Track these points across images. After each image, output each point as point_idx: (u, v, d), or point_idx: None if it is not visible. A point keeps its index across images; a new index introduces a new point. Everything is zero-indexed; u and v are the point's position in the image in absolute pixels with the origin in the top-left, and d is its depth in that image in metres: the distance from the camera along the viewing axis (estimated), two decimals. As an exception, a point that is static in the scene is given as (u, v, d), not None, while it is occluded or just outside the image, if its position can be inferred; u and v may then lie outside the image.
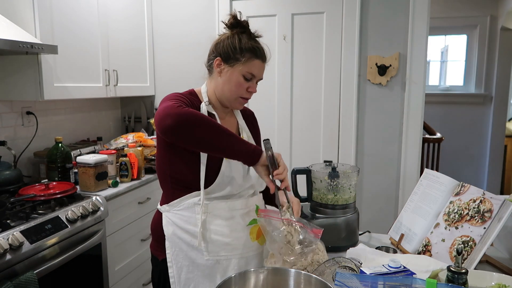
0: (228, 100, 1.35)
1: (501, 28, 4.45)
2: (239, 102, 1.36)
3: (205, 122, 1.16)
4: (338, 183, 1.51)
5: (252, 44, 1.31)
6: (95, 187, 2.20)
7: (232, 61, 1.30)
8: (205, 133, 1.16)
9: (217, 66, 1.32)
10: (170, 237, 1.32)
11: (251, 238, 1.34)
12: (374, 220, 2.79)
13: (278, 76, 2.93)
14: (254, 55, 1.30)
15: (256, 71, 1.32)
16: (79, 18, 2.39)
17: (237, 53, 1.29)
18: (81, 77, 2.42)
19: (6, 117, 2.32)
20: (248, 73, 1.30)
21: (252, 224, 1.34)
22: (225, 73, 1.32)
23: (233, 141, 1.19)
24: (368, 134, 2.80)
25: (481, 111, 4.73)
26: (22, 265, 1.63)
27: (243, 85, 1.31)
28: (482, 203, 1.28)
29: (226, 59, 1.30)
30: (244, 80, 1.31)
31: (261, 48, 1.33)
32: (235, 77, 1.31)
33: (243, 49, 1.29)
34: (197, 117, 1.16)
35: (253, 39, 1.33)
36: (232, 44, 1.30)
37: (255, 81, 1.34)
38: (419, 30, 2.60)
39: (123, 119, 3.35)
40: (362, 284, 0.90)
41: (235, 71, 1.30)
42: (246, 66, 1.30)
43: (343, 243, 1.47)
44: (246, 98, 1.35)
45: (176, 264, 1.31)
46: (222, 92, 1.34)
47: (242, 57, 1.29)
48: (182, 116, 1.14)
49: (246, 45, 1.30)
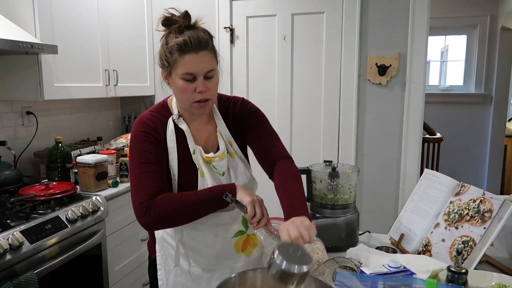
0: (186, 109, 1.23)
1: (501, 28, 4.45)
2: (196, 107, 1.18)
3: (174, 212, 1.13)
4: (338, 183, 1.51)
5: (177, 39, 1.11)
6: (95, 187, 2.20)
7: (167, 68, 1.16)
8: (179, 218, 1.15)
9: (164, 78, 1.21)
10: (159, 240, 1.30)
11: (236, 250, 1.30)
12: (374, 220, 2.79)
13: (278, 76, 2.93)
14: (181, 52, 1.11)
15: (191, 68, 1.12)
16: (79, 18, 2.39)
17: (168, 58, 1.14)
18: (81, 77, 2.42)
19: (6, 117, 2.32)
20: (185, 74, 1.12)
21: (238, 236, 1.30)
22: (172, 83, 1.18)
23: (206, 205, 1.15)
24: (368, 134, 2.80)
25: (481, 111, 4.72)
26: (22, 265, 1.63)
27: (187, 88, 1.14)
28: (482, 203, 1.28)
29: (164, 69, 1.18)
30: (186, 82, 1.14)
31: (187, 39, 1.11)
32: (176, 84, 1.16)
33: (170, 51, 1.13)
34: (165, 213, 1.13)
35: (180, 32, 1.13)
36: (162, 51, 1.16)
37: (201, 78, 1.14)
38: (419, 30, 2.60)
39: (123, 119, 3.35)
40: (362, 284, 0.90)
41: (174, 77, 1.15)
42: (179, 67, 1.12)
43: (343, 243, 1.47)
44: (200, 100, 1.16)
45: (165, 267, 1.30)
46: (179, 103, 1.24)
47: (171, 60, 1.13)
48: (155, 222, 1.14)
49: (171, 44, 1.12)
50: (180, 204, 1.14)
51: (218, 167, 1.27)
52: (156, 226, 1.20)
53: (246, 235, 1.32)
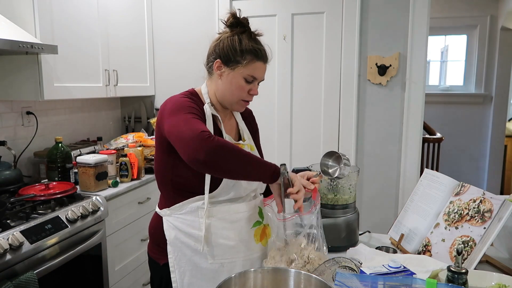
0: (230, 102, 1.33)
1: (501, 28, 4.45)
2: (241, 104, 1.33)
3: (235, 155, 1.13)
4: (338, 183, 1.51)
5: (253, 45, 1.27)
6: (95, 187, 2.20)
7: (233, 63, 1.26)
8: (235, 165, 1.14)
9: (217, 68, 1.29)
10: (172, 241, 1.29)
11: (255, 240, 1.33)
12: (374, 220, 2.79)
13: (278, 76, 2.93)
14: (256, 57, 1.27)
15: (257, 73, 1.28)
16: (79, 18, 2.39)
17: (238, 56, 1.25)
18: (81, 77, 2.42)
19: (6, 117, 2.32)
20: (250, 76, 1.27)
21: (256, 226, 1.34)
22: (226, 76, 1.28)
23: (258, 167, 1.17)
24: (368, 134, 2.80)
25: (481, 111, 4.72)
26: (22, 265, 1.63)
27: (244, 88, 1.28)
28: (482, 203, 1.28)
29: (227, 61, 1.27)
30: (246, 82, 1.28)
31: (262, 49, 1.29)
32: (236, 80, 1.27)
33: (243, 51, 1.25)
34: (229, 150, 1.12)
35: (253, 39, 1.29)
36: (232, 46, 1.26)
37: (257, 83, 1.32)
38: (419, 30, 2.60)
39: (123, 119, 3.35)
40: (362, 284, 0.90)
41: (236, 74, 1.27)
42: (248, 68, 1.26)
43: (343, 243, 1.47)
44: (247, 100, 1.33)
45: (179, 268, 1.29)
46: (223, 95, 1.31)
47: (243, 60, 1.25)
48: (215, 151, 1.09)
49: (246, 46, 1.26)
50: (237, 150, 1.14)
51: None
52: (214, 155, 1.10)
53: (263, 225, 1.37)
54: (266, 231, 1.37)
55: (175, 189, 1.30)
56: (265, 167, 1.18)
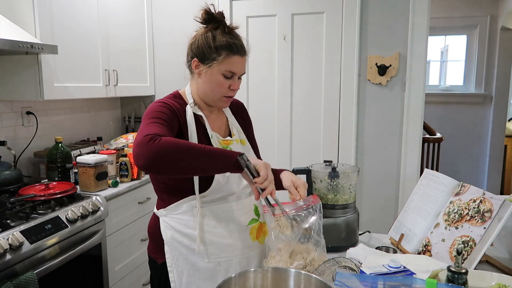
0: (212, 100, 1.31)
1: (501, 28, 4.45)
2: (223, 101, 1.32)
3: (183, 152, 1.07)
4: (338, 183, 1.51)
5: (227, 40, 1.24)
6: (95, 187, 2.20)
7: (209, 61, 1.25)
8: (185, 162, 1.08)
9: (195, 67, 1.28)
10: (169, 241, 1.30)
11: (251, 238, 1.34)
12: (374, 220, 2.79)
13: (278, 76, 2.93)
14: (231, 52, 1.24)
15: (235, 68, 1.26)
16: (79, 18, 2.39)
17: (213, 52, 1.24)
18: (81, 77, 2.42)
19: (6, 117, 2.32)
20: (228, 72, 1.25)
21: (252, 224, 1.34)
22: (204, 74, 1.27)
23: (216, 158, 1.11)
24: (368, 134, 2.80)
25: (481, 111, 4.72)
26: (22, 265, 1.63)
27: (224, 84, 1.27)
28: (482, 203, 1.28)
29: (203, 59, 1.26)
30: (225, 78, 1.26)
31: (237, 43, 1.25)
32: (214, 77, 1.26)
33: (218, 47, 1.23)
34: (173, 150, 1.06)
35: (228, 33, 1.25)
36: (206, 43, 1.24)
37: (237, 77, 1.29)
38: (419, 30, 2.60)
39: (123, 119, 3.35)
40: (362, 284, 0.90)
41: (213, 71, 1.25)
42: (224, 64, 1.24)
43: (343, 243, 1.47)
44: (229, 96, 1.31)
45: (177, 268, 1.30)
46: (204, 93, 1.31)
47: (218, 56, 1.23)
48: (155, 154, 1.05)
49: (220, 42, 1.23)
50: (187, 146, 1.09)
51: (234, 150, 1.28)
52: (155, 159, 1.06)
53: (259, 222, 1.36)
54: (263, 228, 1.37)
55: (169, 190, 1.31)
56: (224, 158, 1.11)
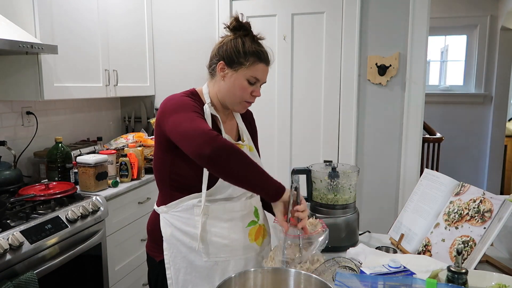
0: (232, 103, 1.34)
1: (501, 28, 4.45)
2: (243, 105, 1.35)
3: (242, 159, 1.14)
4: (338, 183, 1.51)
5: (256, 47, 1.30)
6: (95, 187, 2.20)
7: (236, 65, 1.29)
8: (240, 168, 1.14)
9: (220, 70, 1.31)
10: (168, 238, 1.31)
11: (250, 240, 1.34)
12: (374, 220, 2.79)
13: (278, 76, 2.93)
14: (258, 59, 1.29)
15: (260, 75, 1.31)
16: (79, 18, 2.39)
17: (241, 57, 1.28)
18: (81, 77, 2.42)
19: (6, 117, 2.32)
20: (252, 77, 1.30)
21: (251, 225, 1.34)
22: (229, 77, 1.30)
23: (263, 179, 1.17)
24: (368, 134, 2.80)
25: (481, 111, 4.72)
26: (22, 265, 1.63)
27: (247, 89, 1.31)
28: (482, 203, 1.28)
29: (230, 63, 1.29)
30: (248, 84, 1.30)
31: (265, 52, 1.32)
32: (239, 82, 1.30)
33: (247, 53, 1.28)
34: (236, 152, 1.13)
35: (256, 42, 1.31)
36: (235, 48, 1.28)
37: (259, 85, 1.34)
38: (419, 30, 2.60)
39: (123, 119, 3.35)
40: (362, 284, 0.90)
41: (239, 75, 1.29)
42: (250, 70, 1.29)
43: (343, 243, 1.47)
44: (249, 102, 1.35)
45: (174, 265, 1.31)
46: (225, 96, 1.33)
47: (246, 61, 1.28)
48: (222, 148, 1.11)
49: (249, 48, 1.28)
50: (244, 156, 1.15)
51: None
52: (220, 154, 1.11)
53: (258, 225, 1.37)
54: (261, 231, 1.38)
55: (173, 186, 1.31)
56: (270, 181, 1.17)
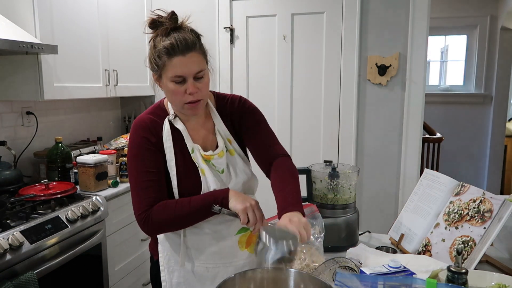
0: (178, 111, 1.24)
1: (501, 28, 4.45)
2: (188, 108, 1.19)
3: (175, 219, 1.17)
4: (338, 183, 1.51)
5: (165, 42, 1.11)
6: (95, 187, 2.20)
7: (157, 71, 1.17)
8: (174, 226, 1.22)
9: (156, 81, 1.21)
10: (161, 241, 1.30)
11: (240, 247, 1.29)
12: (374, 220, 2.79)
13: (278, 76, 2.93)
14: (169, 55, 1.11)
15: (180, 70, 1.12)
16: (79, 18, 2.39)
17: (157, 62, 1.14)
18: (81, 77, 2.42)
19: (6, 117, 2.32)
20: (175, 77, 1.13)
21: (241, 233, 1.29)
22: (162, 86, 1.19)
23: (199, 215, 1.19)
24: (368, 134, 2.80)
25: (481, 111, 4.72)
26: (22, 265, 1.63)
27: (178, 90, 1.15)
28: (482, 203, 1.28)
29: (154, 72, 1.18)
30: (176, 84, 1.14)
31: (174, 42, 1.11)
32: (167, 87, 1.17)
33: (158, 55, 1.13)
34: (167, 220, 1.17)
35: (167, 34, 1.13)
36: (151, 55, 1.16)
37: (191, 80, 1.14)
38: (419, 30, 2.60)
39: (123, 119, 3.35)
40: (362, 284, 0.90)
41: (165, 80, 1.16)
42: (168, 70, 1.13)
43: (343, 243, 1.47)
44: (191, 101, 1.16)
45: (168, 268, 1.29)
46: (171, 105, 1.25)
47: (160, 64, 1.13)
48: (150, 232, 1.22)
49: (159, 47, 1.13)
50: (175, 214, 1.17)
51: (217, 165, 1.27)
52: (156, 233, 1.27)
53: (249, 231, 1.29)
54: (253, 238, 1.32)
55: None
56: (206, 210, 1.16)
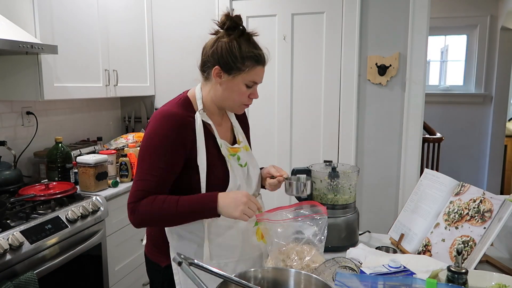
0: (231, 107, 1.33)
1: (501, 28, 4.45)
2: (242, 108, 1.34)
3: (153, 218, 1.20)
4: (338, 183, 1.51)
5: (253, 50, 1.24)
6: (95, 187, 2.20)
7: (234, 71, 1.23)
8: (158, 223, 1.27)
9: (216, 75, 1.25)
10: (174, 245, 1.29)
11: (257, 238, 1.34)
12: (374, 220, 2.79)
13: (278, 76, 2.93)
14: (256, 63, 1.25)
15: (258, 78, 1.28)
16: (79, 18, 2.39)
17: (238, 63, 1.22)
18: (81, 77, 2.42)
19: (6, 117, 2.32)
20: (251, 81, 1.26)
21: (258, 225, 1.34)
22: (226, 83, 1.25)
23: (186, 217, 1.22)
24: (368, 134, 2.80)
25: (481, 111, 4.72)
26: (22, 265, 1.63)
27: (245, 93, 1.28)
28: (482, 203, 1.28)
29: (227, 69, 1.23)
30: (246, 88, 1.27)
31: (262, 54, 1.26)
32: (237, 87, 1.26)
33: (244, 58, 1.22)
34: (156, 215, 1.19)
35: (252, 43, 1.26)
36: (231, 53, 1.22)
37: (256, 87, 1.31)
38: (419, 30, 2.60)
39: (123, 119, 3.35)
40: (362, 284, 0.90)
41: (237, 80, 1.25)
42: (249, 75, 1.24)
43: (343, 243, 1.47)
44: (248, 104, 1.32)
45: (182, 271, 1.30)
46: (223, 101, 1.30)
47: (244, 67, 1.23)
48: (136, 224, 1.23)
49: (247, 52, 1.23)
50: (160, 212, 1.19)
51: (242, 158, 1.34)
52: (140, 226, 1.26)
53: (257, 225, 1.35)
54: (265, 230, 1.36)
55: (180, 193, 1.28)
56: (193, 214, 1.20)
